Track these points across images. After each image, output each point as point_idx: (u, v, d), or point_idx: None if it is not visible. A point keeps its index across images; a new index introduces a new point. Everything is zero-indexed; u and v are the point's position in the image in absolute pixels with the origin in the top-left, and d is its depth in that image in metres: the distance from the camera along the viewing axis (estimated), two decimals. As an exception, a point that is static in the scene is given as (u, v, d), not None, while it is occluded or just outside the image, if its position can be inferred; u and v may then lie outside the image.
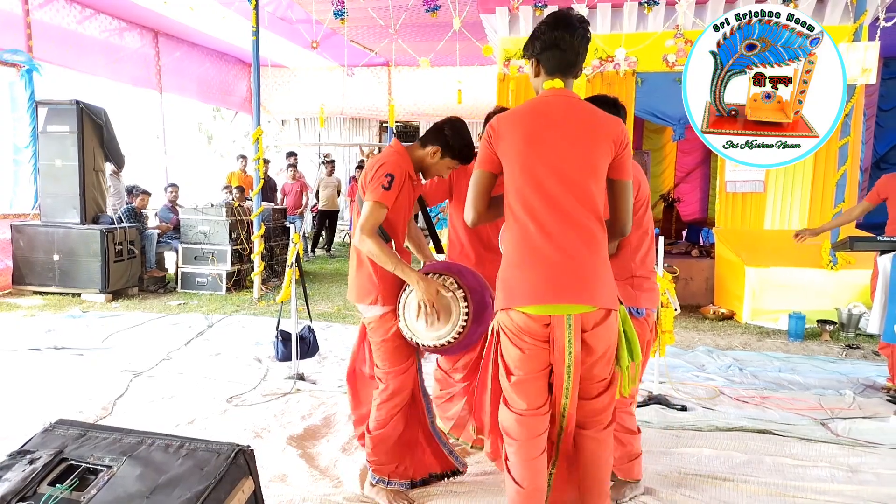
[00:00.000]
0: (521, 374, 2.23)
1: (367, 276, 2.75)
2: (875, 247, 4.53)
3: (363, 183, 2.71)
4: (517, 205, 2.21)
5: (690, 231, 10.53)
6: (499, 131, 2.25)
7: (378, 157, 2.73)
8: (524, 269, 2.18)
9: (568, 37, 2.24)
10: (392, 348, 2.77)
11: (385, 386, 2.82)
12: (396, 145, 2.78)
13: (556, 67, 2.28)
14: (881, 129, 11.07)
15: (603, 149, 2.21)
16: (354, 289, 2.82)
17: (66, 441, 1.93)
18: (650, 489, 3.01)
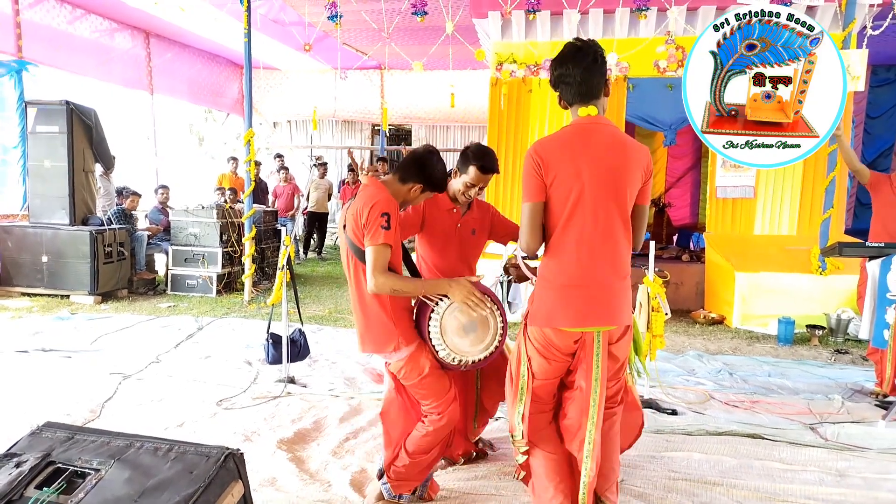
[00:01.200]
0: (541, 377, 2.51)
1: (380, 324, 2.66)
2: (863, 252, 4.57)
3: (355, 229, 2.59)
4: (567, 232, 2.36)
5: (681, 236, 10.58)
6: (547, 161, 2.34)
7: (363, 199, 2.60)
8: (566, 294, 2.39)
9: (574, 70, 2.37)
10: (434, 381, 2.69)
11: (439, 416, 2.72)
12: (374, 183, 2.68)
13: (572, 99, 2.43)
14: (869, 135, 11.19)
15: (636, 177, 2.38)
16: (370, 341, 2.71)
17: (53, 444, 1.91)
18: (640, 493, 3.02)
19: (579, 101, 2.41)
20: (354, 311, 2.76)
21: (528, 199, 2.39)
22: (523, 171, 2.41)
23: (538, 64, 7.91)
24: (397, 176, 2.75)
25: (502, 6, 7.50)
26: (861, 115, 10.83)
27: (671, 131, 7.84)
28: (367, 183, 2.74)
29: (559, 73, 2.41)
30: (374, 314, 2.67)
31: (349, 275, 2.74)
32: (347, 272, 2.75)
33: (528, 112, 8.05)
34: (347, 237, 2.67)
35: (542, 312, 2.42)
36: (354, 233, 2.61)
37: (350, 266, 2.71)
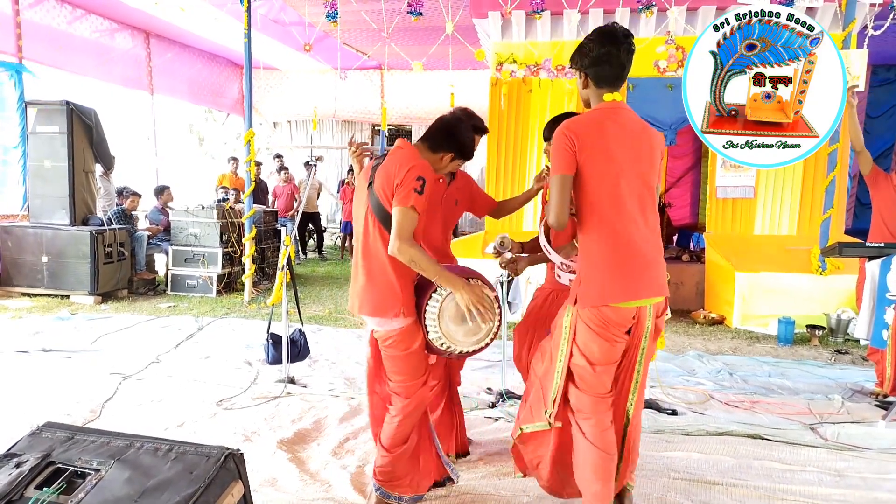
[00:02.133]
0: (604, 362, 2.49)
1: (386, 288, 2.56)
2: (863, 252, 4.56)
3: (384, 186, 2.51)
4: (608, 209, 2.42)
5: (681, 236, 10.57)
6: (582, 138, 2.40)
7: (400, 159, 2.53)
8: (618, 269, 2.41)
9: (615, 52, 2.44)
10: (416, 360, 2.65)
11: (408, 401, 2.67)
12: (409, 147, 2.63)
13: (605, 81, 2.49)
14: (869, 135, 11.18)
15: (658, 157, 2.56)
16: (369, 302, 2.59)
17: (53, 444, 1.91)
18: (640, 493, 3.01)
19: (611, 84, 2.49)
20: (358, 270, 2.65)
21: (559, 171, 2.42)
22: (553, 147, 2.45)
23: (538, 64, 7.90)
24: (426, 144, 2.69)
25: (502, 6, 7.50)
26: (861, 114, 10.82)
27: (671, 131, 7.83)
28: (399, 146, 2.64)
29: (603, 51, 2.43)
30: (382, 277, 2.57)
31: (362, 232, 2.64)
32: (362, 229, 2.64)
33: (528, 112, 8.05)
34: (373, 193, 2.57)
35: (596, 292, 2.42)
36: (384, 190, 2.51)
37: (368, 223, 2.60)
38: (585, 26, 7.67)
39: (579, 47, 2.53)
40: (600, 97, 2.51)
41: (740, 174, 7.57)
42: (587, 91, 2.55)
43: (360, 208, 2.68)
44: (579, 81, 2.58)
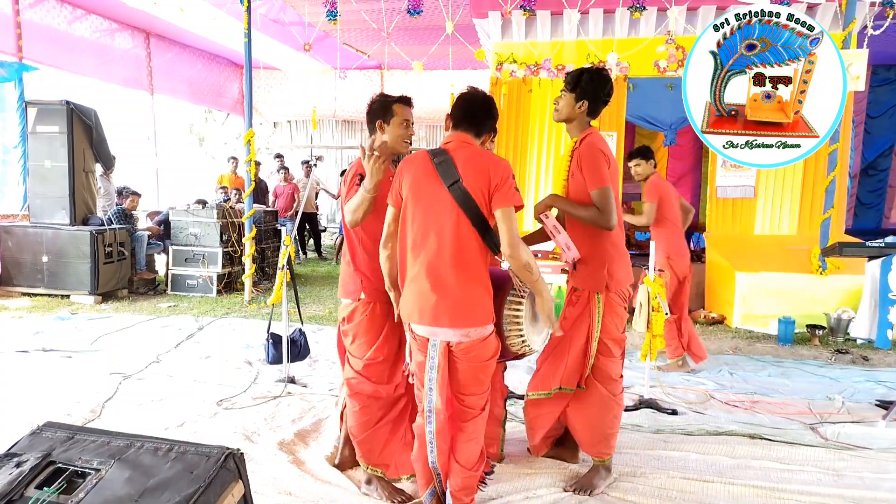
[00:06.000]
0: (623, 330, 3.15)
1: (483, 293, 2.47)
2: (863, 252, 4.56)
3: (480, 185, 2.41)
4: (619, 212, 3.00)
5: (681, 236, 10.55)
6: (609, 155, 2.98)
7: (491, 156, 2.50)
8: (628, 260, 3.13)
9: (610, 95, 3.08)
10: (492, 368, 2.61)
11: (484, 412, 2.61)
12: (473, 141, 2.58)
13: (596, 115, 3.09)
14: (869, 135, 11.19)
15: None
16: (465, 312, 2.44)
17: (53, 444, 1.91)
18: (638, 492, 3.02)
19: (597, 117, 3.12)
20: (443, 279, 2.44)
21: (606, 182, 2.90)
22: (596, 161, 2.92)
23: (538, 64, 7.90)
24: (473, 131, 2.59)
25: (502, 6, 7.49)
26: (861, 114, 10.83)
27: (671, 131, 7.83)
28: (466, 140, 2.55)
29: (608, 91, 3.03)
30: (476, 283, 2.47)
31: (450, 237, 2.44)
32: (450, 234, 2.44)
33: (528, 112, 8.05)
34: (465, 194, 2.42)
35: (623, 274, 3.06)
36: (480, 191, 2.42)
37: (461, 228, 2.44)
38: (585, 26, 7.67)
39: (594, 80, 2.99)
40: (588, 123, 3.08)
41: (740, 174, 7.56)
42: (578, 113, 3.03)
43: (438, 212, 2.47)
44: (576, 103, 3.01)
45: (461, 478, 2.58)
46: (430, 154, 2.55)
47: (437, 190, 2.48)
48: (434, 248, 2.46)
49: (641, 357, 4.22)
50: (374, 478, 2.96)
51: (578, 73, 3.02)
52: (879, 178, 11.37)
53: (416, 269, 2.51)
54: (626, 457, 3.44)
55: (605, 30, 7.72)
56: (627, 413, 4.11)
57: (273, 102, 14.58)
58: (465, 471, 2.58)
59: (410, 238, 2.53)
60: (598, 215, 2.90)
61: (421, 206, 2.51)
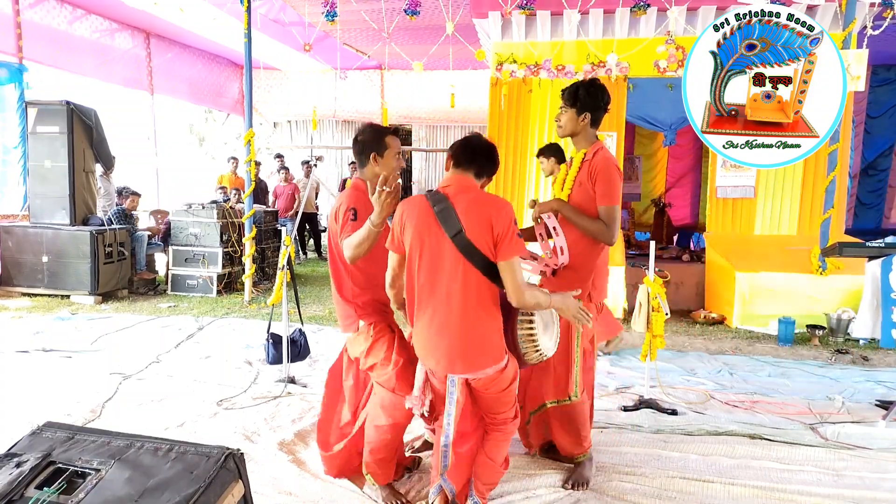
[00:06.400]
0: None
1: (492, 335, 2.51)
2: (863, 252, 4.56)
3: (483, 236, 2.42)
4: None
5: (681, 236, 10.57)
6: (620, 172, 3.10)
7: (495, 203, 2.49)
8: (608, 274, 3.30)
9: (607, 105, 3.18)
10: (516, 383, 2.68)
11: (517, 418, 2.74)
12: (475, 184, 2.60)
13: (598, 124, 3.16)
14: (869, 135, 11.18)
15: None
16: (478, 357, 2.48)
17: (53, 444, 1.91)
18: (637, 492, 3.02)
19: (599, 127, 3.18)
20: (450, 326, 2.47)
21: (618, 201, 3.01)
22: (612, 178, 2.99)
23: (538, 64, 7.90)
24: (473, 172, 2.60)
25: (502, 6, 7.49)
26: (861, 114, 10.83)
27: (671, 131, 7.83)
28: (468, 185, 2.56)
29: (607, 100, 3.12)
30: (485, 327, 2.49)
31: (460, 287, 2.45)
32: (459, 285, 2.45)
33: (528, 112, 8.04)
34: (469, 245, 2.43)
35: (603, 287, 3.25)
36: (483, 240, 2.42)
37: (469, 278, 2.45)
38: (585, 26, 7.67)
39: (591, 92, 3.07)
40: (594, 135, 3.15)
41: (740, 174, 7.56)
42: (582, 126, 3.10)
43: (442, 262, 2.48)
44: (578, 117, 3.09)
45: (490, 471, 2.70)
46: (429, 200, 2.53)
47: (440, 240, 2.48)
48: (444, 296, 2.48)
49: (641, 357, 4.22)
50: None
51: (574, 89, 3.11)
52: (879, 178, 11.37)
53: (426, 316, 2.53)
54: (627, 457, 3.44)
55: (605, 30, 7.72)
56: (627, 413, 4.12)
57: (273, 102, 14.58)
58: (495, 465, 2.69)
59: (417, 286, 2.55)
60: (603, 230, 2.99)
61: (426, 257, 2.51)
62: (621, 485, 3.10)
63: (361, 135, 2.89)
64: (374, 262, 2.81)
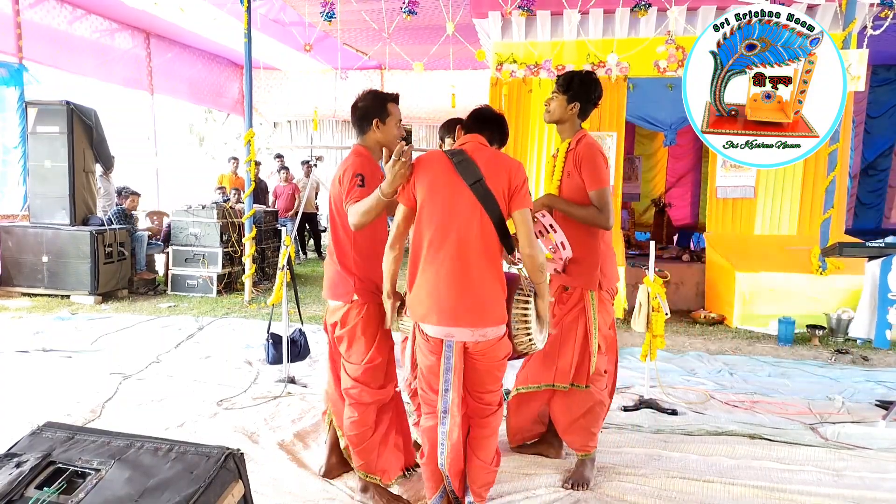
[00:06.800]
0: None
1: (501, 292, 2.50)
2: (863, 252, 4.56)
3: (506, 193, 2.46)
4: None
5: (681, 236, 10.57)
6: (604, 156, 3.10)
7: (508, 158, 2.55)
8: (615, 257, 3.27)
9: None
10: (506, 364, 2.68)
11: (500, 405, 2.69)
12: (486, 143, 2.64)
13: (586, 116, 3.18)
14: (869, 135, 11.18)
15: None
16: (492, 311, 2.47)
17: (53, 444, 1.91)
18: (636, 492, 3.02)
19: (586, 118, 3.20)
20: (470, 280, 2.44)
21: (606, 183, 3.02)
22: (596, 162, 3.00)
23: (538, 64, 7.90)
24: (486, 136, 2.64)
25: (502, 6, 7.49)
26: (861, 114, 10.82)
27: (671, 131, 7.83)
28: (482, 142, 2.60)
29: (598, 94, 3.14)
30: (497, 283, 2.49)
31: (477, 236, 2.45)
32: (476, 234, 2.45)
33: (528, 112, 8.05)
34: (488, 194, 2.45)
35: (613, 272, 3.23)
36: (501, 192, 2.46)
37: (485, 228, 2.46)
38: (585, 26, 7.67)
39: (592, 84, 3.10)
40: (579, 125, 3.16)
41: (740, 174, 7.56)
42: (570, 114, 3.12)
43: (459, 211, 2.47)
44: (568, 105, 3.10)
45: (483, 473, 2.64)
46: (447, 154, 2.55)
47: (458, 189, 2.47)
48: (455, 247, 2.45)
49: (641, 357, 4.22)
50: (372, 485, 2.91)
51: (570, 76, 3.13)
52: (879, 178, 11.37)
53: (433, 268, 2.48)
54: (627, 457, 3.44)
55: (605, 30, 7.72)
56: (627, 413, 4.12)
57: (273, 102, 14.58)
58: (486, 465, 2.64)
59: (427, 237, 2.49)
60: (597, 215, 2.99)
61: (440, 206, 2.48)
62: (621, 485, 3.10)
63: (363, 100, 2.86)
64: (379, 233, 2.83)
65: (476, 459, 2.62)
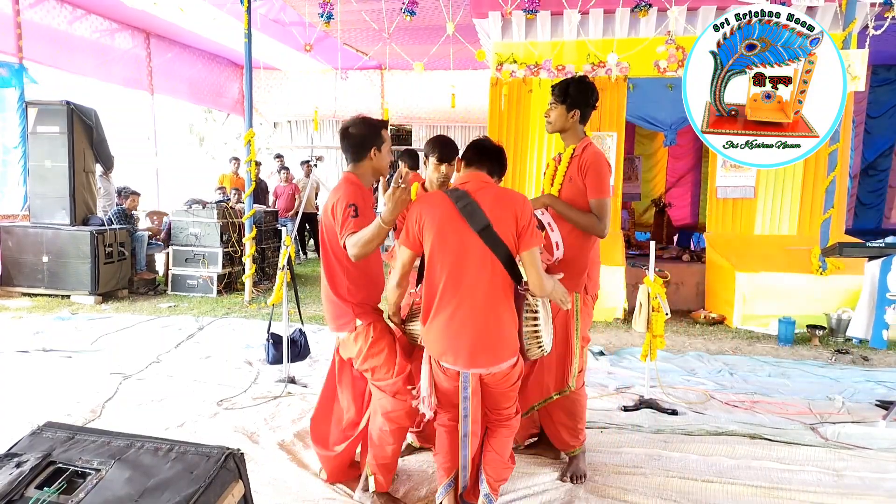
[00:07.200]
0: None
1: (514, 328, 2.56)
2: (863, 252, 4.56)
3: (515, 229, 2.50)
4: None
5: (681, 236, 10.57)
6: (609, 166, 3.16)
7: (516, 197, 2.57)
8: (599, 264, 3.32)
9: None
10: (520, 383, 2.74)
11: (518, 412, 2.79)
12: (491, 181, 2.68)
13: (586, 121, 3.20)
14: (870, 135, 11.18)
15: None
16: (508, 348, 2.54)
17: (54, 444, 1.91)
18: (635, 492, 3.02)
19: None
20: (485, 320, 2.50)
21: (609, 193, 3.07)
22: (602, 172, 3.03)
23: (538, 64, 7.90)
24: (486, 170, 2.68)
25: (503, 6, 7.49)
26: (861, 114, 10.82)
27: (671, 131, 7.83)
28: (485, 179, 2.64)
29: (596, 97, 3.15)
30: (511, 321, 2.55)
31: (487, 280, 2.50)
32: (487, 278, 2.50)
33: (528, 112, 8.05)
34: (496, 239, 2.49)
35: (597, 278, 3.28)
36: (509, 233, 2.50)
37: (496, 271, 2.50)
38: (585, 26, 7.67)
39: (589, 91, 3.11)
40: (583, 131, 3.18)
41: (740, 174, 7.56)
42: (571, 122, 3.13)
43: (469, 258, 2.50)
44: (568, 113, 3.11)
45: (500, 468, 2.72)
46: (450, 197, 2.55)
47: (466, 236, 2.51)
48: (468, 292, 2.50)
49: (642, 357, 4.22)
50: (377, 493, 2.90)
51: (565, 85, 3.15)
52: (879, 178, 11.37)
53: (447, 312, 2.53)
54: (627, 457, 3.44)
55: (606, 30, 7.72)
56: (627, 413, 4.12)
57: (273, 102, 14.57)
58: (503, 461, 2.72)
59: (441, 283, 2.53)
60: (596, 223, 3.04)
61: (450, 253, 2.52)
62: (622, 484, 3.10)
63: (357, 127, 2.84)
64: (371, 260, 2.84)
65: (495, 455, 2.71)
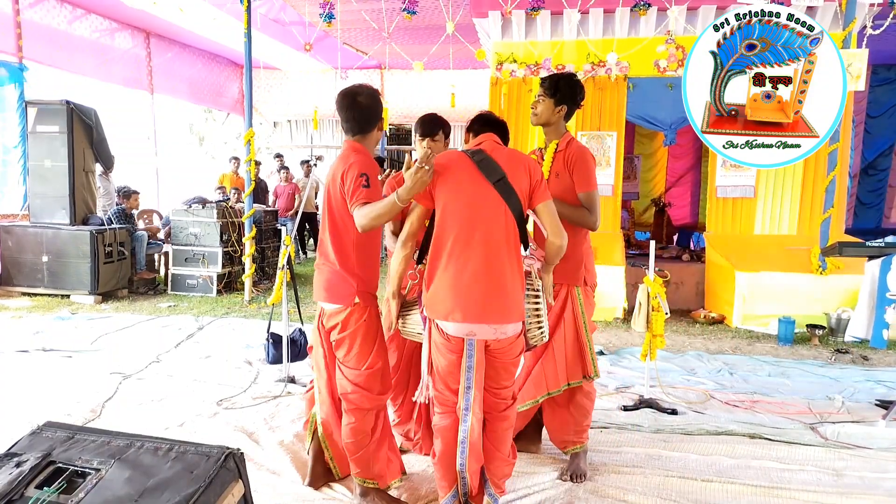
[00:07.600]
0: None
1: (523, 291, 2.55)
2: (863, 252, 4.56)
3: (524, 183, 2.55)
4: None
5: (681, 235, 10.57)
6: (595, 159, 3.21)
7: (524, 156, 2.66)
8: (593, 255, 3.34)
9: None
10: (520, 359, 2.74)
11: (515, 398, 2.77)
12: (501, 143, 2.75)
13: (570, 118, 3.26)
14: (869, 135, 11.18)
15: None
16: (518, 307, 2.53)
17: (53, 444, 1.91)
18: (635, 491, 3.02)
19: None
20: (501, 276, 2.48)
21: (596, 186, 3.11)
22: (588, 165, 3.09)
23: (538, 63, 7.90)
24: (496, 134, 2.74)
25: (502, 6, 7.49)
26: (861, 114, 10.82)
27: (671, 131, 7.83)
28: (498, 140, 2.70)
29: (582, 96, 3.21)
30: (520, 279, 2.55)
31: (503, 234, 2.50)
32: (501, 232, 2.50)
33: (528, 112, 8.00)
34: (511, 192, 2.51)
35: (593, 268, 3.30)
36: (523, 187, 2.53)
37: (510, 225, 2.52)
38: (585, 26, 7.67)
39: (571, 86, 3.15)
40: (564, 127, 3.23)
41: (740, 174, 7.56)
42: (557, 117, 3.17)
43: (483, 209, 2.51)
44: (555, 107, 3.15)
45: (503, 465, 2.71)
46: (467, 154, 2.61)
47: (482, 187, 2.53)
48: (482, 243, 2.48)
49: (641, 357, 4.22)
50: (371, 490, 2.86)
51: (556, 79, 3.18)
52: (879, 178, 11.38)
53: (458, 265, 2.48)
54: (627, 456, 3.44)
55: (606, 29, 7.72)
56: (627, 413, 4.12)
57: (273, 102, 14.57)
58: (506, 458, 2.71)
59: (452, 235, 2.50)
60: (587, 216, 3.08)
61: (464, 204, 2.52)
62: (622, 484, 3.10)
63: (366, 98, 2.76)
64: (374, 242, 2.82)
65: (496, 452, 2.69)
